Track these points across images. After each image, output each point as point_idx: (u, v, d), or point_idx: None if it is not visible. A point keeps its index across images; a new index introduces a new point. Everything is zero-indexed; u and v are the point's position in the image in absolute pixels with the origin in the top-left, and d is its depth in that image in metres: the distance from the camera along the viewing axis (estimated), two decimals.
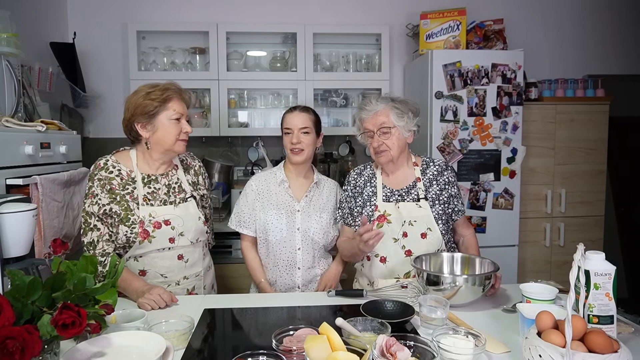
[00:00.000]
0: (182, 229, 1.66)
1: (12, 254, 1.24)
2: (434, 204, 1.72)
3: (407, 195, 1.75)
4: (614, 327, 1.10)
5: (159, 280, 1.65)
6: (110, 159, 1.67)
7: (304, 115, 1.85)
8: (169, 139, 1.63)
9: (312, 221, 1.84)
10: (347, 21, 3.25)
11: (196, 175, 1.82)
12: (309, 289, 1.87)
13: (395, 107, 1.71)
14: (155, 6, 3.13)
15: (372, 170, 1.84)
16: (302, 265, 1.84)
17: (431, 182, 1.76)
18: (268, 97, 3.17)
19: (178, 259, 1.68)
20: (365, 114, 1.74)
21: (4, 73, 1.93)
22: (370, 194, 1.78)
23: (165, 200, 1.67)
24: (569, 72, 3.27)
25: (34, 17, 2.66)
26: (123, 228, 1.59)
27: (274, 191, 1.88)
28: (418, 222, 1.69)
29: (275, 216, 1.83)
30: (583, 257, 1.07)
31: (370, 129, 1.72)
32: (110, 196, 1.60)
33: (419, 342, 1.06)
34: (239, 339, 1.32)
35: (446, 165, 1.81)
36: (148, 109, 1.60)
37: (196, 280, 1.74)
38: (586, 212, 3.01)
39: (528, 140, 2.87)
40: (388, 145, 1.70)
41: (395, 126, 1.70)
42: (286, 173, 1.90)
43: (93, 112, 3.12)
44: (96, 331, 1.03)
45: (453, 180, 1.78)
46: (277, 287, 1.87)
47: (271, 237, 1.83)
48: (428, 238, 1.68)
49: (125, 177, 1.64)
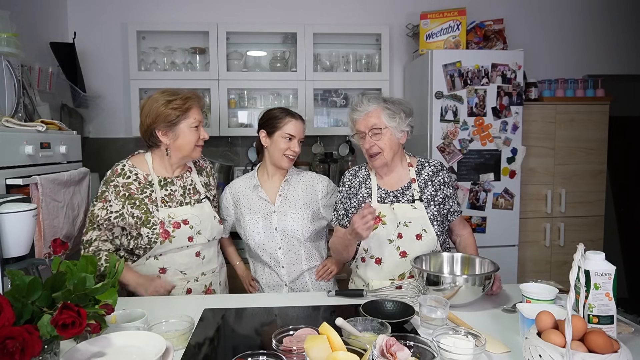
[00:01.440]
0: (200, 227, 1.74)
1: (12, 254, 1.24)
2: (429, 205, 1.71)
3: (402, 196, 1.73)
4: (614, 327, 1.10)
5: (178, 277, 1.72)
6: (126, 163, 1.73)
7: (302, 126, 1.88)
8: (188, 145, 1.71)
9: (289, 219, 1.85)
10: (347, 21, 3.25)
11: (208, 177, 1.89)
12: (296, 285, 1.88)
13: (386, 107, 1.70)
14: (155, 6, 3.13)
15: (367, 172, 1.83)
16: (285, 263, 1.86)
17: (426, 183, 1.74)
18: (268, 97, 3.17)
19: (196, 255, 1.75)
20: (356, 115, 1.72)
21: (4, 73, 1.93)
22: (365, 195, 1.77)
23: (182, 201, 1.74)
24: (569, 72, 3.27)
25: (34, 17, 2.66)
26: (145, 230, 1.65)
27: (248, 196, 1.90)
28: (413, 223, 1.68)
29: (251, 221, 1.86)
30: (583, 257, 1.07)
31: (362, 130, 1.71)
32: (128, 202, 1.66)
33: (419, 342, 1.06)
34: (239, 339, 1.32)
35: (441, 166, 1.79)
36: (170, 118, 1.66)
37: (213, 277, 1.82)
38: (586, 212, 3.01)
39: (528, 140, 2.87)
40: (380, 146, 1.69)
41: (387, 127, 1.68)
42: (260, 177, 1.92)
43: (93, 112, 3.12)
44: (96, 331, 1.03)
45: (449, 180, 1.76)
46: (265, 287, 1.91)
47: (251, 241, 1.87)
48: (423, 239, 1.68)
49: (142, 181, 1.71)
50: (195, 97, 1.72)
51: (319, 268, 1.91)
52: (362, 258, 1.75)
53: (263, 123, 1.90)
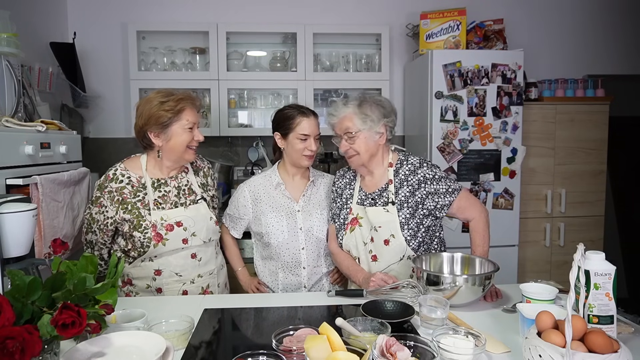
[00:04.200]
0: (194, 229, 1.71)
1: (12, 254, 1.24)
2: (402, 207, 1.68)
3: (379, 198, 1.73)
4: (614, 327, 1.10)
5: (174, 279, 1.71)
6: (119, 167, 1.72)
7: (316, 121, 1.84)
8: (180, 147, 1.68)
9: (314, 219, 1.85)
10: (347, 21, 3.25)
11: (205, 177, 1.86)
12: (315, 288, 1.87)
13: (359, 112, 1.68)
14: (155, 6, 3.13)
15: (353, 173, 1.85)
16: (307, 264, 1.84)
17: (402, 183, 1.71)
18: (268, 97, 3.17)
19: (191, 257, 1.73)
20: (331, 119, 1.75)
21: (4, 73, 1.92)
22: (348, 196, 1.80)
23: (176, 202, 1.72)
24: (569, 72, 3.27)
25: (34, 17, 2.66)
26: (137, 234, 1.65)
27: (270, 195, 1.88)
28: (383, 227, 1.68)
29: (275, 219, 1.83)
30: (583, 257, 1.07)
31: (338, 133, 1.73)
32: (121, 206, 1.66)
33: (419, 342, 1.06)
34: (239, 339, 1.32)
35: (420, 163, 1.72)
36: (162, 120, 1.63)
37: (210, 279, 1.79)
38: (586, 212, 3.01)
39: (528, 140, 2.87)
40: (355, 149, 1.69)
41: (360, 130, 1.67)
42: (281, 175, 1.90)
43: (93, 112, 3.12)
44: (96, 331, 1.03)
45: (431, 176, 1.69)
46: (283, 287, 1.87)
47: (273, 240, 1.83)
48: (391, 245, 1.67)
49: (135, 184, 1.69)
50: (189, 98, 1.69)
51: (334, 271, 1.91)
52: None
53: (276, 125, 1.86)
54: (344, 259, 1.77)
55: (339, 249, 1.81)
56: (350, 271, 1.73)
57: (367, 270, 1.70)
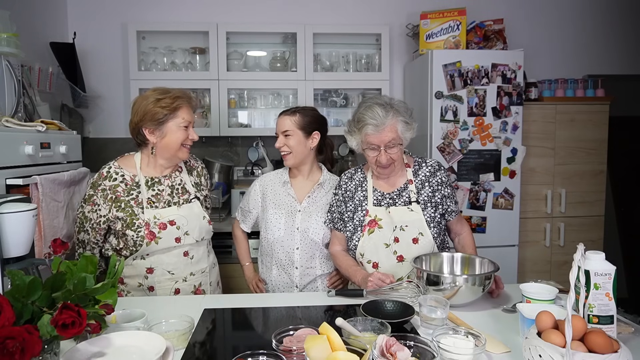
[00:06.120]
0: (187, 228, 1.71)
1: (12, 254, 1.24)
2: (426, 206, 1.69)
3: (399, 198, 1.71)
4: (614, 327, 1.10)
5: (166, 277, 1.70)
6: (112, 165, 1.72)
7: (286, 118, 1.84)
8: (174, 144, 1.68)
9: (312, 221, 1.84)
10: (347, 21, 3.25)
11: (199, 177, 1.86)
12: (308, 289, 1.87)
13: (402, 120, 1.61)
14: (155, 6, 3.13)
15: (363, 174, 1.79)
16: (300, 264, 1.84)
17: (423, 184, 1.71)
18: (268, 97, 3.17)
19: (184, 255, 1.72)
20: (371, 130, 1.59)
21: (4, 73, 1.92)
22: (362, 198, 1.74)
23: (169, 201, 1.72)
24: (569, 72, 3.27)
25: (34, 17, 2.66)
26: (130, 232, 1.64)
27: (277, 191, 1.91)
28: (410, 227, 1.66)
29: (274, 215, 1.86)
30: (583, 257, 1.07)
31: (375, 143, 1.60)
32: (115, 205, 1.66)
33: (419, 342, 1.05)
34: (239, 339, 1.32)
35: (439, 166, 1.75)
36: (158, 117, 1.64)
37: (202, 277, 1.79)
38: (586, 212, 3.01)
39: (528, 140, 2.87)
40: (394, 158, 1.64)
41: (403, 139, 1.63)
42: (290, 174, 1.93)
43: (93, 112, 3.12)
44: (96, 331, 1.03)
45: (446, 180, 1.73)
46: (275, 285, 1.89)
47: (269, 236, 1.86)
48: (420, 243, 1.66)
49: (129, 182, 1.69)
50: (186, 97, 1.69)
51: (333, 274, 1.90)
52: (359, 262, 1.74)
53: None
54: (344, 259, 1.76)
55: (340, 251, 1.79)
56: (350, 271, 1.71)
57: (392, 272, 1.64)
